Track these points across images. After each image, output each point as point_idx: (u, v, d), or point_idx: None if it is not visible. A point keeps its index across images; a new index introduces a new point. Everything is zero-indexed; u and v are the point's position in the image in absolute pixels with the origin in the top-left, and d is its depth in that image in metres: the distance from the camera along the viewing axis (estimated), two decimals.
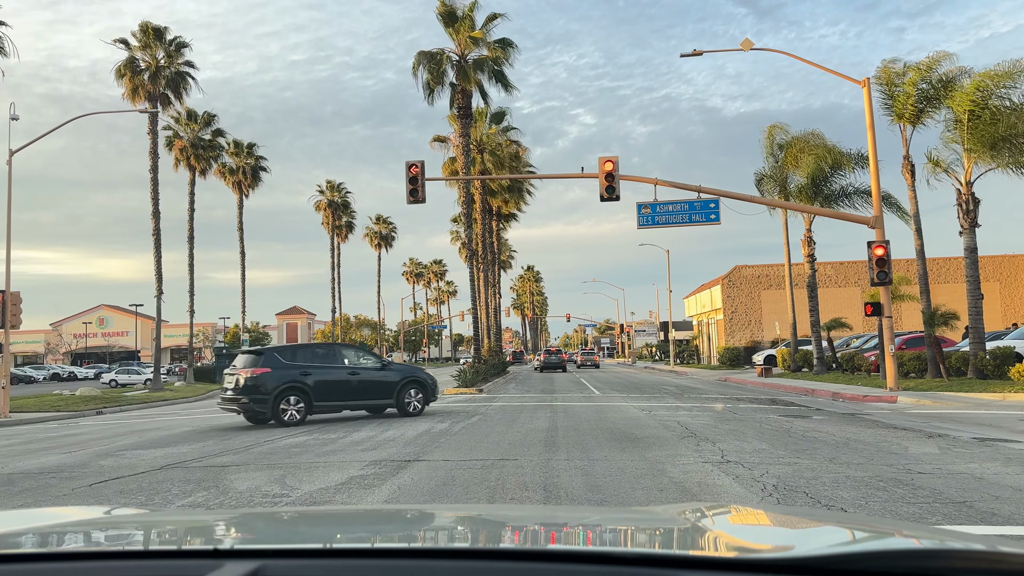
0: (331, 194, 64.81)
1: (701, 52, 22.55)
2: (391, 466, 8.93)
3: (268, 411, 14.77)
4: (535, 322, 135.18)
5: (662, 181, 21.76)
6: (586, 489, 7.16)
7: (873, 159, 21.83)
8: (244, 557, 1.26)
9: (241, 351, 17.01)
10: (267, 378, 14.86)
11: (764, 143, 31.50)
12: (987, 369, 20.46)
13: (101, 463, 10.20)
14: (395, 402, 16.26)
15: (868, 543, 1.56)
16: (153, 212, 35.74)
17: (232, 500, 7.24)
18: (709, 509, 2.21)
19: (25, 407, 23.53)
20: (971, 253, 21.26)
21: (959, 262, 40.60)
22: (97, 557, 1.43)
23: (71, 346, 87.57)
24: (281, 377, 14.97)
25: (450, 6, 33.33)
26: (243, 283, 51.49)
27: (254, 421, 15.25)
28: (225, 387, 15.60)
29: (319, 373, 15.46)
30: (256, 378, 14.82)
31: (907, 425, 12.28)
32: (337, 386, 15.64)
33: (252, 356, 15.56)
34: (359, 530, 1.92)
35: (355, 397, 15.95)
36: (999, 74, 20.45)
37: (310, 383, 15.22)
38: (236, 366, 15.52)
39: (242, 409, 15.01)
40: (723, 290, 53.30)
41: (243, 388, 14.77)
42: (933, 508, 6.01)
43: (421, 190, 21.52)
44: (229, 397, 15.20)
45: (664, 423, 13.27)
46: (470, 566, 1.28)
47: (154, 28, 36.34)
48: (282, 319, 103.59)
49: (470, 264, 38.14)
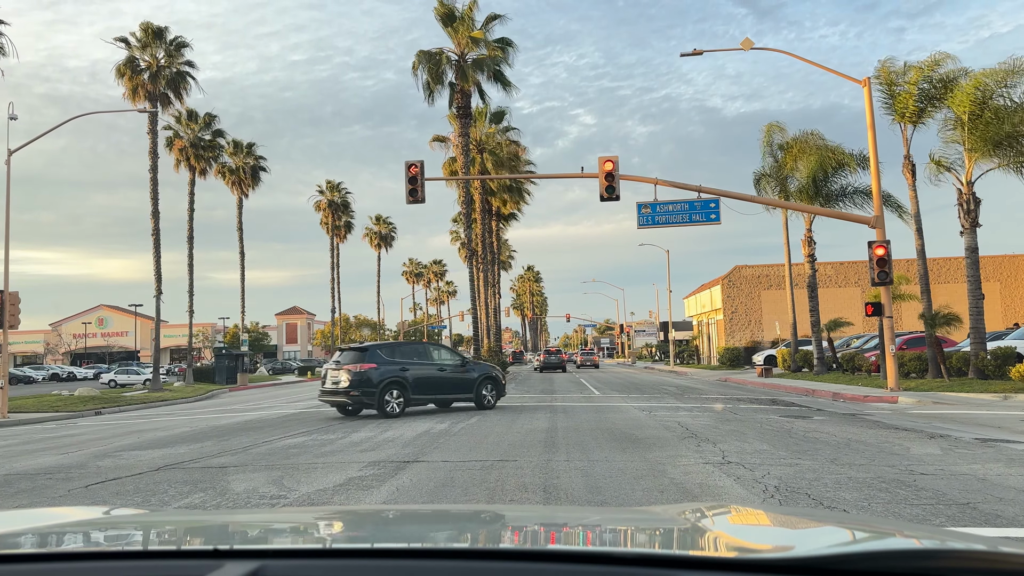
0: (331, 194, 64.83)
1: (701, 52, 22.53)
2: (390, 467, 8.89)
3: (374, 403, 15.92)
4: (535, 322, 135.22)
5: (662, 181, 21.72)
6: (586, 490, 7.11)
7: (874, 159, 21.79)
8: (244, 557, 1.25)
9: (340, 348, 17.78)
10: (373, 373, 16.06)
11: (762, 142, 31.52)
12: (988, 369, 20.42)
13: (99, 464, 10.15)
14: (473, 396, 17.49)
15: (869, 543, 1.55)
16: (153, 212, 35.72)
17: (229, 501, 7.19)
18: (709, 509, 2.20)
19: (24, 407, 23.49)
20: (972, 253, 21.23)
21: (960, 262, 40.61)
22: (97, 557, 1.42)
23: (70, 346, 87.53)
24: (385, 372, 16.18)
25: (449, 6, 33.33)
26: (243, 283, 51.54)
27: (352, 413, 16.59)
28: (327, 381, 16.64)
29: (414, 369, 16.72)
30: (363, 373, 16.00)
31: (908, 426, 12.23)
32: (429, 381, 16.95)
33: (357, 353, 16.66)
34: (359, 530, 1.91)
35: (442, 391, 17.22)
36: (1002, 72, 20.41)
37: (408, 378, 16.46)
38: (340, 362, 16.52)
39: (352, 401, 16.12)
40: (723, 290, 53.27)
41: (352, 382, 15.95)
42: (936, 510, 5.96)
43: (420, 190, 21.48)
44: (335, 390, 16.23)
45: (664, 424, 13.22)
46: (470, 566, 1.27)
47: (154, 28, 36.36)
48: (282, 319, 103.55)
49: (470, 264, 38.09)
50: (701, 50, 22.51)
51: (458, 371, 17.46)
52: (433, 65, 32.73)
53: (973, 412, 14.46)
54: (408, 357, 16.96)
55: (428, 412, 17.11)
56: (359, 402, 16.08)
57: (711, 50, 23.20)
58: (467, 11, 33.25)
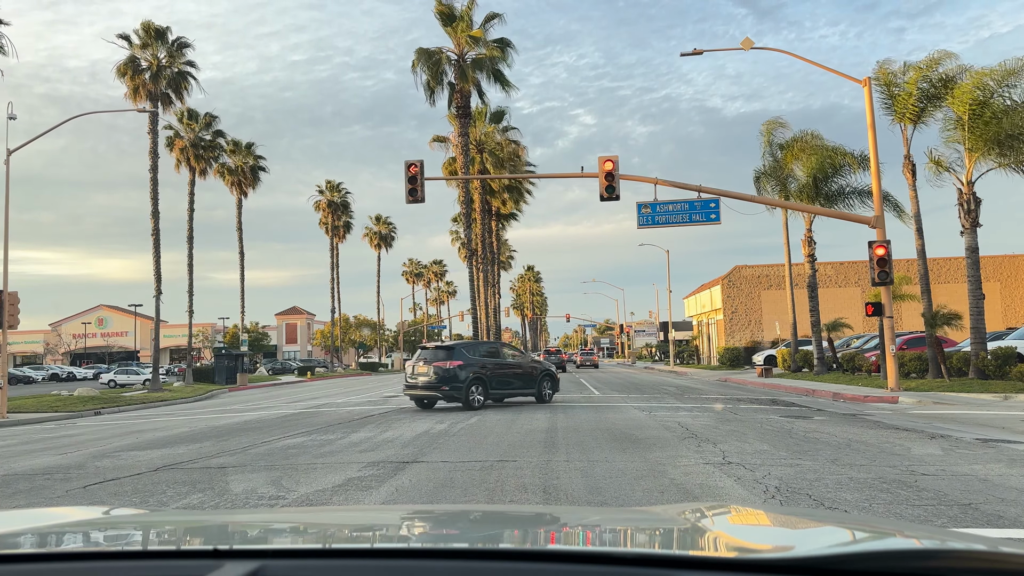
0: (330, 194, 64.83)
1: (701, 51, 22.51)
2: (389, 467, 8.87)
3: (462, 397, 17.43)
4: (535, 322, 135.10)
5: (662, 181, 21.70)
6: (586, 491, 7.09)
7: (874, 158, 21.77)
8: (244, 557, 1.25)
9: (423, 346, 19.25)
10: (460, 370, 17.59)
11: (762, 139, 31.50)
12: (988, 369, 20.40)
13: (97, 464, 10.13)
14: (535, 391, 19.06)
15: (869, 543, 1.54)
16: (153, 212, 35.70)
17: (228, 502, 7.17)
18: (709, 509, 2.20)
19: (23, 407, 23.46)
20: (972, 253, 21.20)
21: (960, 262, 40.61)
22: (96, 557, 1.42)
23: (70, 346, 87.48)
24: (469, 370, 17.72)
25: (448, 5, 33.32)
26: (242, 283, 51.53)
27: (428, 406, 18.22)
28: (416, 376, 18.00)
29: (490, 367, 18.29)
30: (452, 370, 17.54)
31: (909, 426, 12.21)
32: (503, 378, 18.57)
33: (444, 351, 18.22)
34: (359, 530, 1.90)
35: (512, 387, 18.78)
36: (1002, 72, 20.39)
37: (487, 374, 18.08)
38: (427, 360, 17.93)
39: (443, 396, 17.69)
40: (723, 290, 53.25)
41: (442, 378, 17.51)
42: (938, 511, 5.94)
43: (420, 190, 21.46)
44: (427, 384, 17.69)
45: (664, 424, 13.20)
46: (470, 566, 1.27)
47: (156, 28, 36.35)
48: (281, 319, 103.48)
49: (469, 264, 38.07)
50: (701, 50, 22.49)
51: (524, 369, 19.22)
52: (432, 64, 32.72)
53: (974, 412, 14.44)
54: (485, 355, 18.62)
55: (429, 412, 17.13)
56: (449, 396, 17.56)
57: (711, 50, 23.19)
58: (466, 10, 33.25)
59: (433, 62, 32.68)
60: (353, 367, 75.34)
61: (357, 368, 72.00)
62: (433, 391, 17.65)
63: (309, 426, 14.73)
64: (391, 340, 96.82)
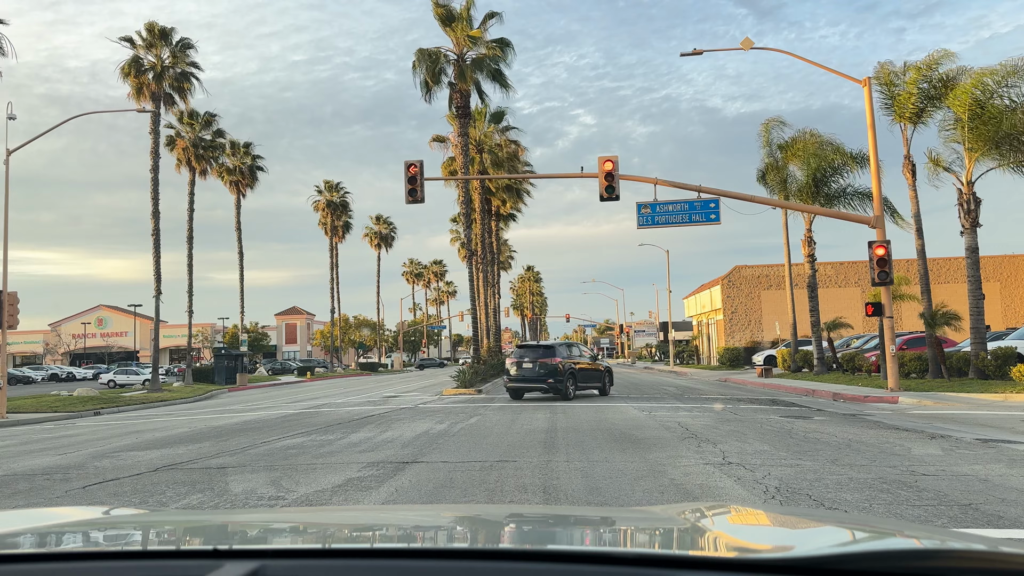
0: (329, 194, 64.82)
1: (701, 51, 22.51)
2: (389, 468, 8.86)
3: (563, 389, 20.06)
4: (535, 322, 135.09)
5: (662, 181, 21.69)
6: (586, 491, 7.08)
7: (874, 158, 21.77)
8: (244, 557, 1.25)
9: (522, 344, 22.97)
10: (561, 366, 20.22)
11: (761, 139, 31.49)
12: (988, 369, 20.40)
13: (97, 464, 10.12)
14: (600, 386, 22.20)
15: (869, 543, 1.54)
16: (153, 212, 35.69)
17: (228, 502, 7.16)
18: (709, 509, 2.20)
19: (23, 408, 23.45)
20: (972, 253, 21.20)
21: (960, 262, 40.63)
22: (96, 557, 1.41)
23: (70, 346, 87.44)
24: (566, 366, 20.39)
25: (446, 6, 33.28)
26: (242, 283, 51.53)
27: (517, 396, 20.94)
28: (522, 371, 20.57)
29: (575, 363, 20.94)
30: (554, 366, 20.21)
31: (909, 426, 12.21)
32: (583, 373, 21.32)
33: (545, 349, 21.05)
34: (358, 530, 1.90)
35: (588, 381, 21.65)
36: (1003, 71, 20.38)
37: (576, 370, 20.82)
38: (528, 357, 20.69)
39: (548, 388, 20.21)
40: (723, 290, 53.25)
41: (549, 372, 20.17)
42: (939, 511, 5.93)
43: (420, 190, 21.46)
44: (533, 377, 20.32)
45: (664, 424, 13.19)
46: (470, 566, 1.27)
47: (160, 28, 36.35)
48: (281, 319, 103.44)
49: (469, 264, 38.01)
50: (701, 50, 22.49)
51: (594, 366, 22.14)
52: (432, 64, 32.68)
53: (974, 412, 14.44)
54: (568, 353, 21.13)
55: (428, 413, 17.08)
56: (554, 388, 20.10)
57: (711, 50, 23.19)
58: (464, 10, 33.21)
59: (432, 62, 32.64)
60: (353, 367, 75.38)
61: (357, 368, 72.04)
62: (539, 383, 20.14)
63: (309, 426, 14.73)
64: (391, 340, 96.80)
